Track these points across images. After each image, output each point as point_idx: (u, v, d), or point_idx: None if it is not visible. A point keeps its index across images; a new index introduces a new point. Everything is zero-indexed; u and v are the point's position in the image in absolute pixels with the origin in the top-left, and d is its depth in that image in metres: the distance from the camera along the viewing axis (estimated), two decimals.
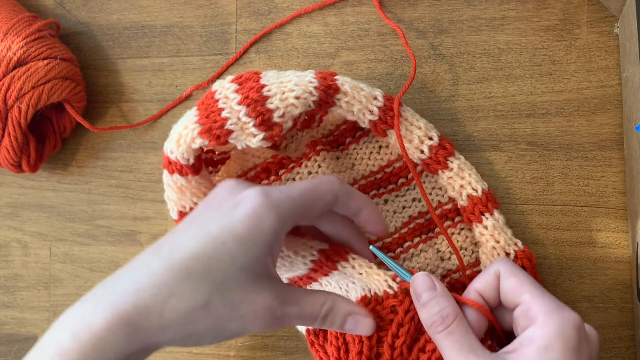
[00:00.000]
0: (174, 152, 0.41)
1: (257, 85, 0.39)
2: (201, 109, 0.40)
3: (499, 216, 0.42)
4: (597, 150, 0.45)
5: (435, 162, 0.43)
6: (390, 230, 0.46)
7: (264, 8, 0.50)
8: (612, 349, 0.44)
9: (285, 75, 0.40)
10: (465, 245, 0.45)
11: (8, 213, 0.54)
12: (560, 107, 0.45)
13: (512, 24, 0.46)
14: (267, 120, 0.39)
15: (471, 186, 0.43)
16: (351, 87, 0.41)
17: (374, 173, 0.46)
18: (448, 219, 0.45)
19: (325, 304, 0.38)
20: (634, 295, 0.43)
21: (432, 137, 0.43)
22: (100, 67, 0.52)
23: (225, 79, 0.41)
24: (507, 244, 0.42)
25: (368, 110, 0.42)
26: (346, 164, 0.47)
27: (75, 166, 0.53)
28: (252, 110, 0.39)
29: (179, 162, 0.41)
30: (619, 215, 0.44)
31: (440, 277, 0.45)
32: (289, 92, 0.39)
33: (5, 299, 0.53)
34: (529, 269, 0.42)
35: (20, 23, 0.47)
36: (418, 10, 0.47)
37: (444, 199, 0.45)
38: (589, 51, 0.45)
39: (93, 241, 0.52)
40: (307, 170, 0.45)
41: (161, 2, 0.51)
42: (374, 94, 0.42)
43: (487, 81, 0.46)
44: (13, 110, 0.46)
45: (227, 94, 0.40)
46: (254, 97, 0.39)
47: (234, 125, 0.39)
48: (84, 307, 0.34)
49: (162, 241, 0.36)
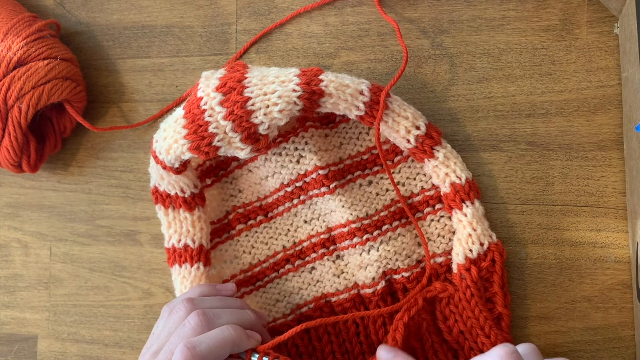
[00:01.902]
0: (162, 154, 0.42)
1: (241, 100, 0.40)
2: (188, 118, 0.41)
3: (479, 206, 0.43)
4: (597, 150, 0.45)
5: (421, 152, 0.43)
6: (371, 212, 0.46)
7: (264, 8, 0.50)
8: (612, 349, 0.44)
9: (269, 80, 0.41)
10: (443, 232, 0.45)
11: (8, 213, 0.54)
12: (560, 107, 0.45)
13: (512, 24, 0.46)
14: (253, 134, 0.40)
15: (455, 174, 0.43)
16: (336, 88, 0.41)
17: (361, 153, 0.47)
18: (429, 206, 0.46)
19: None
20: (634, 295, 0.43)
21: (419, 126, 0.43)
22: (100, 67, 0.52)
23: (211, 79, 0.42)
24: (482, 234, 0.43)
25: (354, 106, 0.42)
26: (334, 142, 0.47)
27: (76, 166, 0.53)
28: (237, 126, 0.40)
29: (164, 163, 0.43)
30: (619, 215, 0.44)
31: (415, 262, 0.45)
32: (273, 107, 0.40)
33: (6, 299, 0.53)
34: (499, 263, 0.43)
35: (20, 23, 0.47)
36: (418, 10, 0.47)
37: (427, 185, 0.46)
38: (589, 51, 0.45)
39: (93, 241, 0.52)
40: (294, 146, 0.46)
41: (161, 2, 0.51)
42: (360, 89, 0.42)
43: (487, 81, 0.46)
44: (13, 110, 0.46)
45: (213, 106, 0.41)
46: (239, 112, 0.40)
47: (222, 141, 0.41)
48: None
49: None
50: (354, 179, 0.47)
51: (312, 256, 0.47)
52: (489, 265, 0.43)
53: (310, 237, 0.47)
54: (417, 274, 0.45)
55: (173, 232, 0.46)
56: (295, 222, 0.48)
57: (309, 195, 0.47)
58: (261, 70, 0.42)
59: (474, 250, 0.43)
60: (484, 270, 0.43)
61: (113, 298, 0.51)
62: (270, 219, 0.48)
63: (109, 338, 0.51)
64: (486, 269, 0.43)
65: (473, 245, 0.43)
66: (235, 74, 0.41)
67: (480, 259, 0.43)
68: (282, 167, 0.46)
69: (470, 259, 0.43)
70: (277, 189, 0.47)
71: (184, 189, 0.45)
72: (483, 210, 0.43)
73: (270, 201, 0.48)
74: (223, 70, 0.42)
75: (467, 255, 0.43)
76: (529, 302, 0.45)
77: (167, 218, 0.46)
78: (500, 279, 0.43)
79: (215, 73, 0.42)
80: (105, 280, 0.51)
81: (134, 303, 0.51)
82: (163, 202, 0.46)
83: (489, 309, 0.43)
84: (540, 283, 0.45)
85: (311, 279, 0.47)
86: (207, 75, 0.42)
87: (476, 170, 0.46)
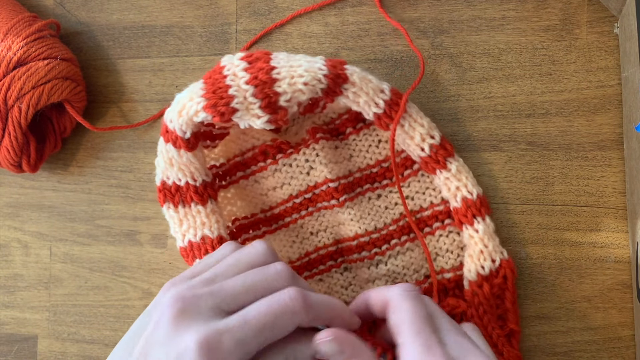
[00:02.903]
0: (173, 121, 0.40)
1: (266, 67, 0.39)
2: (208, 82, 0.40)
3: (490, 222, 0.43)
4: (597, 150, 0.45)
5: (434, 162, 0.43)
6: (380, 226, 0.46)
7: (264, 8, 0.50)
8: (612, 349, 0.44)
9: (295, 58, 0.40)
10: (452, 248, 0.45)
11: (8, 213, 0.54)
12: (560, 107, 0.45)
13: (512, 24, 0.46)
14: (273, 103, 0.39)
15: (467, 189, 0.43)
16: (360, 78, 0.41)
17: (371, 166, 0.46)
18: (438, 220, 0.45)
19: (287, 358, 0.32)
20: (634, 295, 0.43)
21: (434, 136, 0.43)
22: (100, 67, 0.52)
23: (234, 55, 0.41)
24: (494, 251, 0.42)
25: (374, 102, 0.42)
26: (344, 154, 0.47)
27: (76, 166, 0.53)
28: (259, 92, 0.39)
29: (175, 133, 0.41)
30: (619, 215, 0.44)
31: (424, 277, 0.45)
32: (298, 78, 0.39)
33: (6, 299, 0.53)
34: (510, 280, 0.42)
35: (20, 23, 0.47)
36: (418, 10, 0.47)
37: (436, 199, 0.45)
38: (589, 51, 0.45)
39: (93, 241, 0.52)
40: (304, 158, 0.45)
41: (161, 2, 0.51)
42: (381, 87, 0.42)
43: (487, 81, 0.46)
44: (13, 110, 0.46)
45: (236, 72, 0.39)
46: (263, 78, 0.39)
47: (240, 105, 0.39)
48: None
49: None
50: (363, 192, 0.46)
51: (319, 268, 0.47)
52: (500, 282, 0.42)
53: (317, 249, 0.47)
54: (426, 289, 0.45)
55: (187, 229, 0.43)
56: (302, 234, 0.47)
57: (317, 207, 0.46)
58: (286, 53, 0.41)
59: (485, 267, 0.42)
60: (496, 287, 0.42)
61: (113, 298, 0.51)
62: (274, 230, 0.47)
63: (109, 338, 0.51)
64: (498, 285, 0.42)
65: (485, 262, 0.42)
66: (259, 53, 0.41)
67: (492, 275, 0.42)
68: (292, 179, 0.46)
69: (482, 276, 0.42)
70: (284, 200, 0.47)
71: (195, 176, 0.43)
72: (494, 227, 0.43)
73: (277, 212, 0.47)
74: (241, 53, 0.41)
75: (479, 272, 0.42)
76: (529, 302, 0.45)
77: (177, 215, 0.43)
78: (512, 296, 0.42)
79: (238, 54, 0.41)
80: (105, 280, 0.51)
81: (134, 303, 0.51)
82: (172, 198, 0.43)
83: (500, 325, 0.42)
84: (540, 283, 0.45)
85: (319, 290, 0.47)
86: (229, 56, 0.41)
87: (476, 170, 0.46)
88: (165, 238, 0.50)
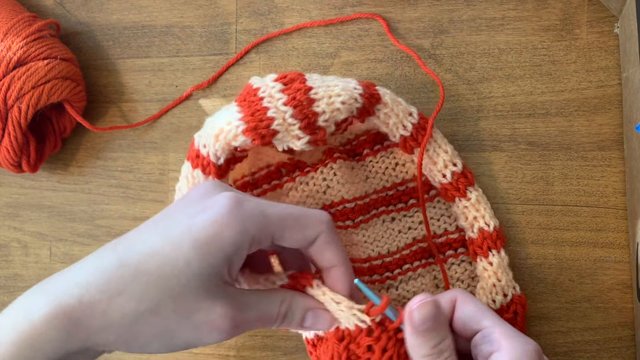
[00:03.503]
0: (207, 146, 0.40)
1: (304, 87, 0.39)
2: (244, 105, 0.39)
3: (504, 255, 0.42)
4: (597, 150, 0.45)
5: (454, 189, 0.43)
6: (393, 249, 0.46)
7: (264, 8, 0.50)
8: (612, 349, 0.44)
9: (329, 79, 0.40)
10: (463, 277, 0.45)
11: (8, 213, 0.54)
12: (560, 107, 0.45)
13: (512, 24, 0.46)
14: (312, 124, 0.39)
15: (484, 220, 0.43)
16: (391, 100, 0.41)
17: (386, 189, 0.46)
18: (451, 249, 0.45)
19: (283, 302, 0.36)
20: (634, 295, 0.43)
21: (456, 163, 0.43)
22: (100, 67, 0.52)
23: (265, 77, 0.40)
24: (507, 285, 0.42)
25: (402, 125, 0.42)
26: (360, 175, 0.46)
27: (75, 166, 0.53)
28: (298, 112, 0.38)
29: (208, 158, 0.40)
30: (619, 215, 0.44)
31: None
32: (335, 97, 0.39)
33: (5, 299, 0.53)
34: (521, 316, 0.42)
35: (20, 23, 0.47)
36: (418, 10, 0.47)
37: (451, 227, 0.45)
38: (589, 51, 0.45)
39: (93, 241, 0.52)
40: (322, 177, 0.45)
41: (161, 2, 0.51)
42: (409, 110, 0.42)
43: (487, 81, 0.46)
44: (13, 110, 0.46)
45: (272, 93, 0.39)
46: (301, 98, 0.38)
47: (280, 126, 0.38)
48: (30, 297, 0.32)
49: (124, 237, 0.35)
50: (378, 214, 0.46)
51: None
52: (511, 317, 0.42)
53: None
54: None
55: None
56: None
57: None
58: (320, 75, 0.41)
59: (497, 302, 0.42)
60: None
61: None
62: None
63: None
64: (508, 320, 0.41)
65: (497, 295, 0.42)
66: (293, 74, 0.40)
67: (502, 310, 0.42)
68: (308, 197, 0.45)
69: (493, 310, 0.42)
70: None
71: None
72: (508, 260, 0.43)
73: None
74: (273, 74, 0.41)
75: (490, 305, 0.42)
76: (529, 302, 0.45)
77: None
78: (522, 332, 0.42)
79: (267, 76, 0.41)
80: None
81: None
82: None
83: None
84: (540, 283, 0.45)
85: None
86: (258, 77, 0.41)
87: (476, 170, 0.46)
88: None
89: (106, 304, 0.32)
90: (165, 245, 0.33)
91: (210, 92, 0.50)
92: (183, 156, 0.50)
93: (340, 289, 0.37)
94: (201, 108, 0.50)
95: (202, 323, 0.33)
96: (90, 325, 0.31)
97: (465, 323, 0.36)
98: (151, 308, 0.32)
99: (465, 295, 0.37)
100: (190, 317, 0.33)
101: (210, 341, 0.34)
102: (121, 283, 0.32)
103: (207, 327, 0.33)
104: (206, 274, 0.33)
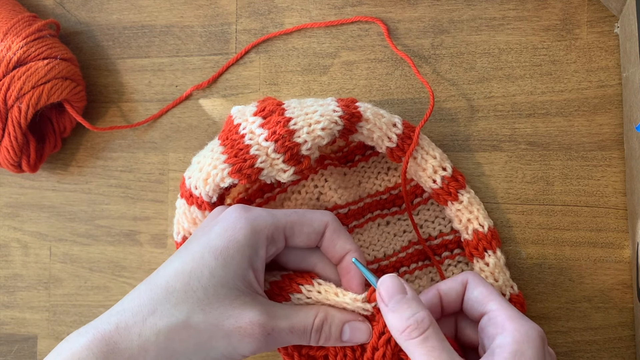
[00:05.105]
0: (198, 188, 0.41)
1: (283, 120, 0.39)
2: (227, 145, 0.40)
3: (500, 255, 0.42)
4: (597, 150, 0.45)
5: (446, 193, 0.43)
6: (389, 252, 0.46)
7: (264, 8, 0.50)
8: (612, 349, 0.44)
9: (307, 105, 0.40)
10: None
11: (8, 213, 0.54)
12: (561, 107, 0.45)
13: (512, 24, 0.46)
14: (295, 154, 0.39)
15: (478, 221, 0.43)
16: (373, 114, 0.41)
17: (380, 193, 0.46)
18: (447, 250, 0.45)
19: (317, 315, 0.37)
20: (634, 295, 0.43)
21: (445, 167, 0.43)
22: (100, 67, 0.52)
23: (245, 109, 0.41)
24: (504, 284, 0.42)
25: (387, 137, 0.42)
26: (353, 180, 0.46)
27: (75, 166, 0.53)
28: (280, 146, 0.39)
29: (201, 198, 0.41)
30: (619, 215, 0.44)
31: None
32: (315, 124, 0.39)
33: (5, 299, 0.53)
34: None
35: (20, 23, 0.47)
36: (418, 10, 0.47)
37: (446, 229, 0.45)
38: (589, 51, 0.45)
39: (93, 241, 0.52)
40: (313, 184, 0.45)
41: (161, 2, 0.51)
42: (393, 121, 0.42)
43: (487, 81, 0.46)
44: (13, 110, 0.46)
45: (253, 129, 0.39)
46: (282, 132, 0.39)
47: (264, 163, 0.39)
48: (77, 331, 0.34)
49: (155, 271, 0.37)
50: (372, 219, 0.46)
51: None
52: None
53: None
54: None
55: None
56: None
57: None
58: (296, 100, 0.42)
59: None
60: None
61: (113, 298, 0.51)
62: None
63: None
64: None
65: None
66: (271, 101, 0.41)
67: None
68: (302, 205, 0.45)
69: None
70: None
71: None
72: (504, 260, 0.43)
73: None
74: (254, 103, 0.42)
75: None
76: (529, 302, 0.45)
77: None
78: None
79: (247, 106, 0.41)
80: (105, 280, 0.51)
81: None
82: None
83: None
84: (540, 283, 0.45)
85: None
86: (239, 108, 0.41)
87: (476, 170, 0.46)
88: (165, 238, 0.50)
89: (141, 326, 0.33)
90: (189, 262, 0.35)
91: (210, 92, 0.50)
92: (183, 156, 0.50)
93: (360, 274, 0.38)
94: (201, 108, 0.50)
95: (233, 330, 0.34)
96: (127, 347, 0.33)
97: (474, 305, 0.37)
98: (182, 321, 0.33)
99: (476, 277, 0.38)
100: (221, 326, 0.34)
101: (245, 351, 0.35)
102: (152, 304, 0.34)
103: (238, 334, 0.34)
104: (232, 280, 0.34)
